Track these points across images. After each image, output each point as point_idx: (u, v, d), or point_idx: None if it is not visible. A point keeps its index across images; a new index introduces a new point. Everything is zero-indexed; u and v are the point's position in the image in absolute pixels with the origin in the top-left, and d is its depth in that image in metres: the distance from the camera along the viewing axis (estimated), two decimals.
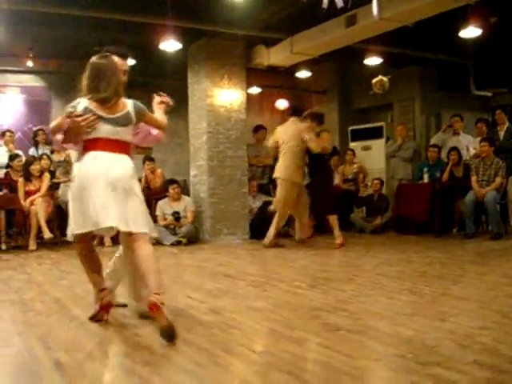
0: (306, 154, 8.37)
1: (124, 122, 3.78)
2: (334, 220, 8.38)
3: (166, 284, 4.71)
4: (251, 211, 10.01)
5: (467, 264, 6.31)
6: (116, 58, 3.91)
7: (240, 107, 10.00)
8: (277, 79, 12.88)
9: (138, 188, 3.80)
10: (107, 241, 8.87)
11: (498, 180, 8.83)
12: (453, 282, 5.17)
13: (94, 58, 3.81)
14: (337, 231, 8.31)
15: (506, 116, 9.78)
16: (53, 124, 3.88)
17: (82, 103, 3.73)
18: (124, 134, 3.79)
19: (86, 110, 3.68)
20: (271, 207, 8.81)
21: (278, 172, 8.37)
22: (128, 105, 3.84)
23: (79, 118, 3.64)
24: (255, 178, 10.43)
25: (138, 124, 3.91)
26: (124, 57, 4.10)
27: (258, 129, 10.82)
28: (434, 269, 6.01)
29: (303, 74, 12.32)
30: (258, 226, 9.64)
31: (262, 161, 10.54)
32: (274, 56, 10.70)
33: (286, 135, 8.33)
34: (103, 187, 3.60)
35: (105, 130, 3.72)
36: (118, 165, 3.71)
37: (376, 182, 10.72)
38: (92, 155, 3.70)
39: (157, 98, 4.17)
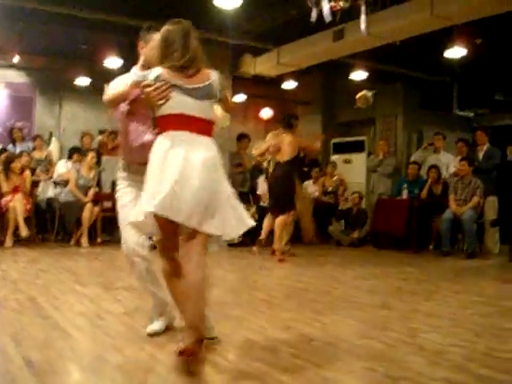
0: None
1: (206, 94, 3.18)
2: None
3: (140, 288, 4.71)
4: None
5: (442, 281, 6.36)
6: None
7: (224, 115, 10.01)
8: (262, 88, 12.91)
9: (225, 181, 3.19)
10: (84, 241, 8.81)
11: (475, 199, 8.92)
12: (426, 299, 5.21)
13: (165, 27, 3.29)
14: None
15: (486, 137, 9.85)
16: (112, 93, 3.44)
17: (154, 72, 3.14)
18: (207, 110, 3.20)
19: (158, 79, 3.11)
20: None
21: None
22: (212, 75, 3.24)
23: (150, 88, 3.09)
24: (235, 186, 10.41)
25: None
26: None
27: (242, 137, 10.81)
28: (408, 284, 6.06)
29: (289, 84, 12.37)
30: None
31: (244, 165, 10.53)
32: (261, 65, 10.76)
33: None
34: (187, 179, 2.99)
35: (183, 104, 3.12)
36: (201, 150, 3.09)
37: (355, 195, 10.78)
38: (169, 136, 3.09)
39: None
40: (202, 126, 3.15)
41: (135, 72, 3.38)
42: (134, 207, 3.23)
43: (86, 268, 6.88)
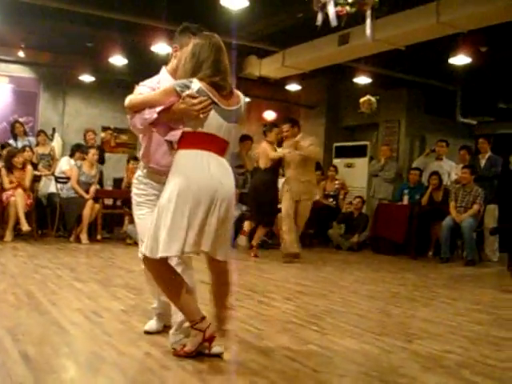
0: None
1: (236, 118, 3.15)
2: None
3: (139, 286, 4.72)
4: None
5: (439, 288, 6.37)
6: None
7: None
8: (266, 90, 12.95)
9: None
10: (84, 238, 8.83)
11: (476, 207, 8.93)
12: (423, 305, 5.23)
13: (195, 40, 3.15)
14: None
15: (488, 145, 9.86)
16: (140, 98, 3.18)
17: (196, 83, 3.02)
18: (232, 133, 3.14)
19: (200, 92, 3.01)
20: None
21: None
22: (241, 97, 3.20)
23: (195, 100, 2.97)
24: (237, 187, 10.41)
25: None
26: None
27: (244, 139, 10.77)
28: (406, 290, 6.07)
29: (293, 87, 12.42)
30: (234, 236, 9.65)
31: (246, 166, 10.52)
32: (265, 67, 10.79)
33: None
34: (214, 208, 2.99)
35: (215, 124, 3.04)
36: (228, 177, 3.07)
37: (358, 200, 10.77)
38: (198, 156, 3.00)
39: None
40: (224, 149, 3.11)
41: (177, 82, 3.08)
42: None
43: (84, 265, 6.89)
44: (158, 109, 3.06)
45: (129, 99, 3.20)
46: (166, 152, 3.32)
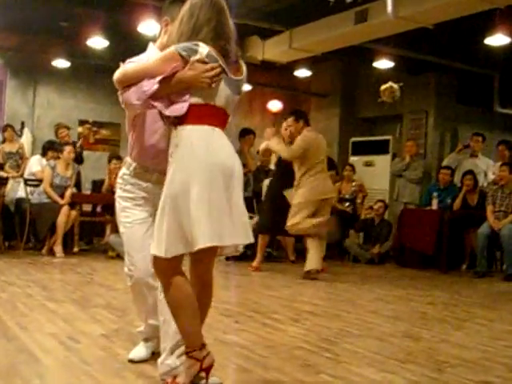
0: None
1: (239, 89, 3.14)
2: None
3: (122, 306, 4.74)
4: None
5: (474, 307, 6.38)
6: None
7: None
8: (271, 77, 12.98)
9: None
10: (58, 250, 8.84)
11: None
12: (455, 327, 5.23)
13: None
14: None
15: None
16: (132, 67, 3.13)
17: (203, 47, 2.94)
18: (233, 106, 3.13)
19: (210, 57, 2.95)
20: None
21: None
22: (244, 67, 3.17)
23: (208, 66, 2.90)
24: None
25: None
26: None
27: (245, 133, 10.71)
28: (435, 310, 6.08)
29: (302, 73, 12.44)
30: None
31: (248, 166, 10.51)
32: (270, 50, 10.81)
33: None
34: (233, 190, 3.00)
35: (224, 95, 3.02)
36: (234, 154, 3.08)
37: (380, 204, 10.77)
38: (208, 132, 2.97)
39: None
40: (226, 123, 3.09)
41: (180, 46, 2.96)
42: (146, 230, 3.32)
43: (59, 281, 6.91)
44: (159, 78, 2.93)
45: (120, 71, 3.11)
46: (161, 141, 3.28)
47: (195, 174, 2.87)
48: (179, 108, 2.95)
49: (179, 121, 2.97)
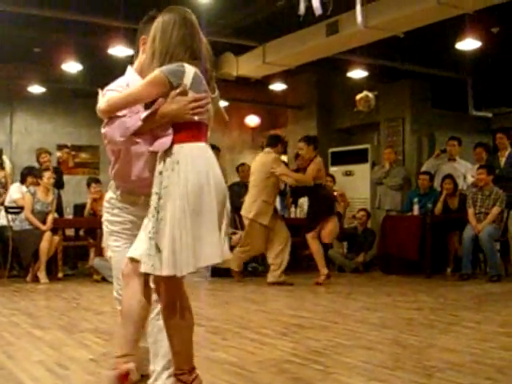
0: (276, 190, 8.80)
1: (216, 106, 3.15)
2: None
3: (110, 330, 4.73)
4: None
5: (461, 310, 6.40)
6: None
7: None
8: (247, 92, 13.01)
9: None
10: (42, 276, 8.79)
11: (495, 211, 8.98)
12: (443, 331, 5.24)
13: (158, 18, 3.05)
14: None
15: (508, 140, 9.92)
16: (121, 95, 3.03)
17: (190, 69, 2.88)
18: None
19: (196, 81, 2.91)
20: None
21: (244, 210, 8.71)
22: (215, 85, 3.16)
23: (189, 98, 2.86)
24: None
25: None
26: None
27: (211, 149, 10.64)
28: (422, 315, 6.09)
29: (277, 86, 12.49)
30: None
31: None
32: (244, 66, 10.84)
33: (255, 167, 8.78)
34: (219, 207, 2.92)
35: (210, 113, 3.04)
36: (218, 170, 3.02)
37: (362, 213, 10.81)
38: (201, 149, 2.95)
39: None
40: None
41: (167, 68, 2.88)
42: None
43: (45, 308, 6.86)
44: (143, 115, 2.90)
45: (104, 101, 3.01)
46: (146, 166, 3.20)
47: (203, 190, 2.83)
48: (163, 142, 2.91)
49: (175, 138, 2.90)
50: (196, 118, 2.86)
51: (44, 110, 12.14)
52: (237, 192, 10.74)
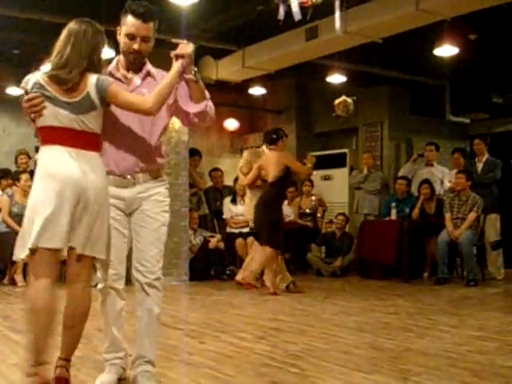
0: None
1: (85, 107, 3.27)
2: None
3: (87, 333, 4.69)
4: (191, 248, 9.94)
5: (437, 314, 6.44)
6: (127, 18, 3.48)
7: (181, 127, 10.00)
8: (226, 96, 12.99)
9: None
10: (19, 279, 8.73)
11: (471, 216, 9.02)
12: (419, 335, 5.27)
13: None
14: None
15: (485, 146, 9.99)
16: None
17: (35, 76, 3.31)
18: (92, 122, 3.29)
19: (35, 86, 3.28)
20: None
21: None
22: (90, 83, 3.28)
23: (25, 98, 3.26)
24: (191, 209, 10.29)
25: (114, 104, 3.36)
26: (139, 17, 3.48)
27: (192, 154, 10.44)
28: (399, 319, 6.12)
29: (257, 90, 12.50)
30: (199, 266, 9.66)
31: (197, 184, 10.51)
32: (223, 70, 10.84)
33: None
34: (85, 204, 3.23)
35: (62, 117, 3.25)
36: (95, 170, 3.29)
37: (341, 218, 10.84)
38: (53, 149, 3.27)
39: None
40: (88, 140, 3.30)
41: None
42: None
43: (21, 311, 6.79)
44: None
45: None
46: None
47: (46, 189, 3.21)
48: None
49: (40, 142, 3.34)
50: (33, 115, 3.29)
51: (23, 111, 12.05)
52: (212, 197, 10.81)
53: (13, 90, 11.39)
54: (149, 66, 3.65)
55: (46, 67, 3.34)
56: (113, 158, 3.46)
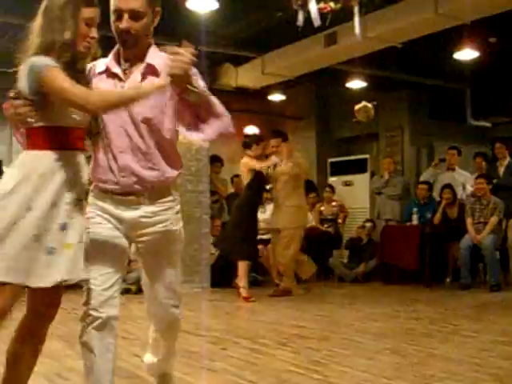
0: None
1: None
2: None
3: None
4: (213, 255, 9.94)
5: (460, 319, 6.40)
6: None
7: None
8: (246, 103, 13.01)
9: None
10: None
11: (493, 220, 8.96)
12: (442, 341, 5.24)
13: None
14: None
15: (507, 150, 9.93)
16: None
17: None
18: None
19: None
20: None
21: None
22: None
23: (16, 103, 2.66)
24: (212, 217, 10.31)
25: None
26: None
27: (213, 161, 10.45)
28: (421, 325, 6.09)
29: (276, 97, 12.52)
30: (220, 273, 9.66)
31: (219, 192, 10.54)
32: (243, 76, 10.88)
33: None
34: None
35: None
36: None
37: (368, 224, 10.85)
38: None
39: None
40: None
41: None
42: None
43: None
44: None
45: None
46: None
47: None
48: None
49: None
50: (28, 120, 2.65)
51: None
52: (231, 203, 10.76)
53: None
54: (151, 57, 2.88)
55: None
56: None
